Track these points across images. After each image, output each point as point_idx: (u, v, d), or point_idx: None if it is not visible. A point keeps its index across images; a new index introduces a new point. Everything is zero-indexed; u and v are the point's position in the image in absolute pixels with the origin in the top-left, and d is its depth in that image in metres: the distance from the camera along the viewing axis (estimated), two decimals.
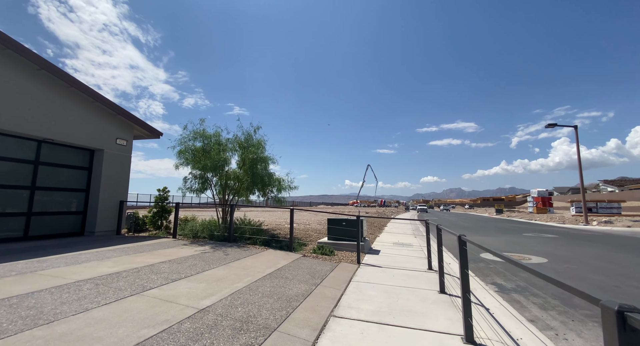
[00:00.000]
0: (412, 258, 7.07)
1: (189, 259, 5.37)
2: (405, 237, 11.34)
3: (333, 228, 8.16)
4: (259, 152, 8.44)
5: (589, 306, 3.86)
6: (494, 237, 12.56)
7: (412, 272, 5.78)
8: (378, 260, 6.90)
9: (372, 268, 6.09)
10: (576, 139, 23.27)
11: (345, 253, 7.44)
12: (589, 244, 10.16)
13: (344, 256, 7.07)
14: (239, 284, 4.11)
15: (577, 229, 17.39)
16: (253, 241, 7.73)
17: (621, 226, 17.59)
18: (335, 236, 8.20)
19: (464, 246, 3.16)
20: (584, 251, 8.57)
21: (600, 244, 10.36)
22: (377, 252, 7.97)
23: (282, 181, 9.19)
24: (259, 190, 9.14)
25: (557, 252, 8.46)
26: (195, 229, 8.08)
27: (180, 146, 8.11)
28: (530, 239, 11.81)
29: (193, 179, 8.26)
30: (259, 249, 6.98)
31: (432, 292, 4.50)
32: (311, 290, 4.21)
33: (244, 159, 8.73)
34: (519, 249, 9.10)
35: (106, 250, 5.95)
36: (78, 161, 8.24)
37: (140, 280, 3.95)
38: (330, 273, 5.30)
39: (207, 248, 6.59)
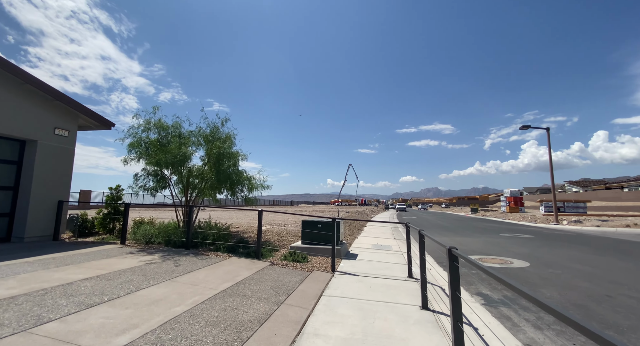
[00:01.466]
0: (391, 264, 6.50)
1: (125, 274, 4.43)
2: (385, 238, 10.85)
3: (307, 232, 7.45)
4: (225, 147, 7.53)
5: None
6: (472, 237, 12.40)
7: (391, 281, 5.18)
8: (355, 267, 6.26)
9: (347, 277, 5.43)
10: (548, 141, 24.05)
11: (320, 259, 6.76)
12: (566, 245, 10.14)
13: (319, 263, 6.38)
14: (178, 309, 3.28)
15: (550, 228, 17.83)
16: (216, 247, 6.84)
17: (590, 226, 18.24)
18: (309, 240, 7.49)
19: (455, 262, 2.55)
20: (564, 253, 8.42)
21: (577, 244, 10.39)
22: (355, 257, 7.35)
23: (252, 180, 8.34)
24: (227, 189, 8.24)
25: (536, 254, 8.25)
26: (149, 234, 7.05)
27: (130, 137, 7.02)
28: (507, 239, 11.73)
29: (146, 176, 7.21)
30: (220, 257, 6.11)
31: (414, 308, 3.90)
32: (272, 311, 3.46)
33: (209, 155, 7.79)
34: (498, 251, 8.84)
35: (22, 262, 4.85)
36: (4, 154, 6.93)
37: (41, 308, 3.00)
38: (299, 286, 4.57)
39: (156, 257, 5.63)
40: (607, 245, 10.32)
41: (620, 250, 9.17)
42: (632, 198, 53.27)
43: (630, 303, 4.09)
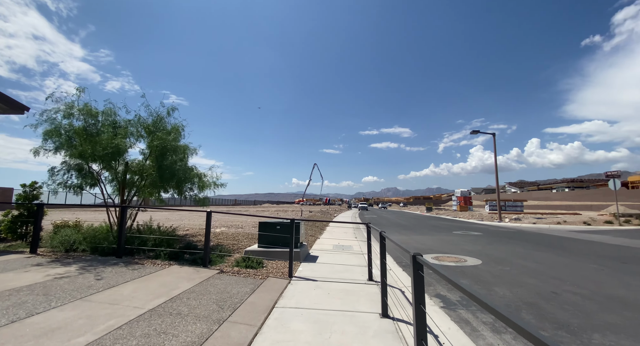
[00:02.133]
0: (352, 266, 6.22)
1: (18, 293, 3.47)
2: (346, 238, 10.67)
3: (265, 234, 6.89)
4: (170, 139, 6.62)
5: (542, 327, 3.40)
6: (429, 236, 12.83)
7: (351, 286, 4.87)
8: (314, 270, 5.87)
9: (305, 282, 5.01)
10: (494, 145, 26.26)
11: (278, 263, 6.26)
12: (511, 242, 10.90)
13: (276, 268, 5.88)
14: (81, 339, 2.54)
15: (495, 226, 19.37)
16: (156, 254, 5.95)
17: (528, 223, 20.20)
18: (267, 243, 6.94)
19: (420, 270, 2.25)
20: (510, 250, 8.96)
21: (519, 241, 11.24)
22: (315, 259, 6.97)
23: (204, 177, 7.51)
24: (174, 187, 7.31)
25: (486, 251, 8.65)
26: (70, 240, 5.89)
27: (47, 124, 5.78)
28: (460, 237, 12.32)
29: (67, 171, 6.02)
30: (158, 266, 5.28)
31: (374, 317, 3.60)
32: (210, 333, 2.89)
33: (150, 148, 6.81)
34: (453, 249, 9.13)
35: None
36: None
37: None
38: (249, 297, 4.02)
39: (71, 269, 4.63)
40: (545, 241, 11.33)
41: (556, 246, 10.08)
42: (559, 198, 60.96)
43: (574, 299, 4.26)
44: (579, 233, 14.36)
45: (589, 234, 13.78)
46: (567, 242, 11.03)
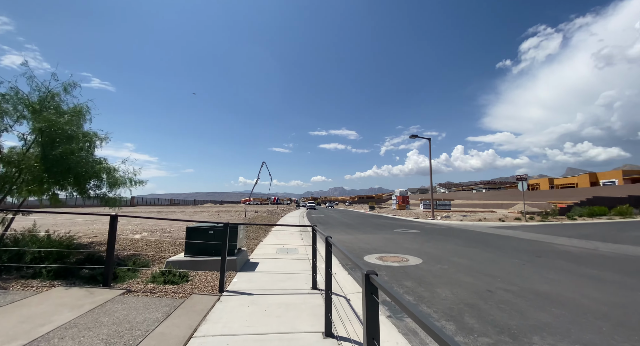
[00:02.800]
0: (295, 274, 5.65)
1: None
2: (292, 240, 10.09)
3: (193, 242, 5.88)
4: (62, 122, 5.11)
5: (486, 332, 3.31)
6: (373, 234, 13.06)
7: (292, 298, 4.29)
8: (251, 281, 5.14)
9: (238, 298, 4.26)
10: (429, 149, 28.62)
11: (209, 275, 5.38)
12: (445, 239, 11.66)
13: (204, 281, 5.00)
14: None
15: (430, 223, 20.99)
16: (36, 272, 4.49)
17: (456, 220, 22.41)
18: (196, 251, 5.94)
19: (375, 294, 1.78)
20: (445, 247, 9.48)
21: (451, 237, 12.13)
22: (254, 267, 6.21)
23: (114, 172, 6.09)
24: (72, 184, 5.75)
25: (425, 249, 8.99)
26: None
27: None
28: (400, 235, 12.80)
29: None
30: (32, 290, 3.92)
31: (316, 337, 3.08)
32: None
33: (34, 132, 5.19)
34: (395, 248, 9.29)
35: None
36: None
37: None
38: (159, 327, 3.13)
39: None
40: (472, 237, 12.45)
41: (481, 241, 11.10)
42: (478, 197, 69.95)
43: (508, 298, 4.39)
44: (496, 229, 16.31)
45: (504, 230, 15.74)
46: (490, 238, 12.31)
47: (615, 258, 7.75)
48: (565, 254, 8.32)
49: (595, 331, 3.18)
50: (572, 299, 4.25)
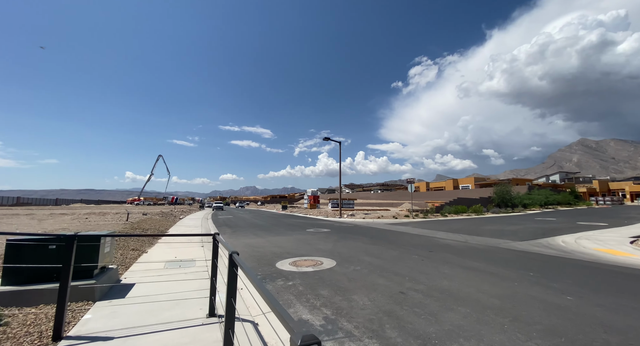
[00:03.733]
0: (186, 297, 4.36)
1: None
2: (189, 248, 8.36)
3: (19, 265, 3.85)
4: None
5: (408, 344, 3.03)
6: (285, 236, 12.43)
7: (177, 336, 3.11)
8: (116, 315, 3.62)
9: None
10: (339, 152, 30.28)
11: (48, 311, 3.58)
12: (354, 237, 12.06)
13: (34, 323, 3.25)
14: None
15: (338, 221, 21.97)
16: None
17: (360, 218, 24.24)
18: (24, 278, 3.93)
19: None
20: (355, 246, 9.66)
21: (359, 235, 12.69)
22: (127, 290, 4.56)
23: None
24: None
25: (338, 249, 8.91)
26: None
27: None
28: (313, 235, 12.62)
29: None
30: None
31: None
32: None
33: None
34: (309, 250, 8.89)
35: None
36: None
37: None
38: None
39: None
40: (375, 234, 13.38)
41: (384, 238, 11.97)
42: (376, 197, 78.98)
43: (419, 299, 4.41)
44: (393, 225, 18.29)
45: (398, 226, 17.77)
46: (389, 234, 13.50)
47: (484, 250, 9.47)
48: (449, 247, 9.67)
49: (500, 329, 3.33)
50: (470, 294, 4.58)
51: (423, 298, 4.40)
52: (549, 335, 3.15)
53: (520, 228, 16.26)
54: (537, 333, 3.19)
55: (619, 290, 4.96)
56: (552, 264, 7.23)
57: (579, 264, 7.27)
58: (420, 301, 4.29)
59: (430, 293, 4.63)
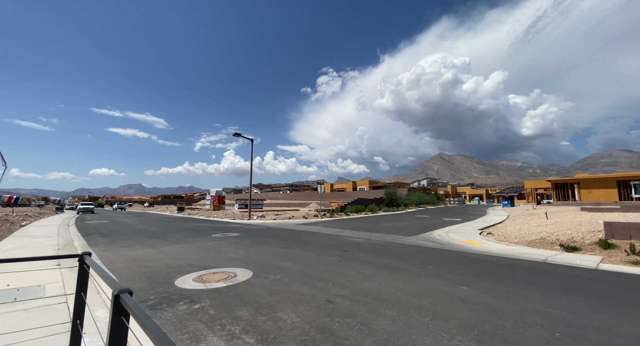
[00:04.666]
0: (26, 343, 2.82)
1: None
2: (37, 271, 5.86)
3: None
4: None
5: None
6: (185, 244, 10.59)
7: None
8: None
9: None
10: (251, 149, 28.79)
11: None
12: (267, 241, 11.36)
13: None
14: None
15: (248, 224, 20.65)
16: None
17: (270, 219, 23.55)
18: None
19: None
20: (271, 251, 9.02)
21: (272, 238, 12.07)
22: None
23: None
24: None
25: (252, 256, 8.09)
26: None
27: None
28: (221, 241, 11.25)
29: None
30: None
31: None
32: None
33: None
34: (217, 259, 7.73)
35: None
36: None
37: None
38: None
39: None
40: (289, 235, 13.06)
41: (298, 240, 11.78)
42: (285, 198, 79.45)
43: (347, 307, 4.24)
44: (304, 226, 18.48)
45: (310, 226, 18.08)
46: (303, 235, 13.45)
47: (386, 246, 10.47)
48: (358, 245, 10.27)
49: (426, 330, 3.43)
50: (391, 295, 4.73)
51: (351, 305, 4.26)
52: (465, 328, 3.45)
53: (407, 224, 19.14)
54: (455, 328, 3.45)
55: (491, 275, 6.18)
56: (440, 256, 8.55)
57: (457, 254, 8.87)
58: (349, 309, 4.13)
59: (356, 298, 4.55)
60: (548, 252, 9.33)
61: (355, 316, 3.88)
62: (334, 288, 5.12)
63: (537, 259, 8.17)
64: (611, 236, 10.04)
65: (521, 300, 4.44)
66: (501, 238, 12.88)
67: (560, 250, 9.56)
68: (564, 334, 3.26)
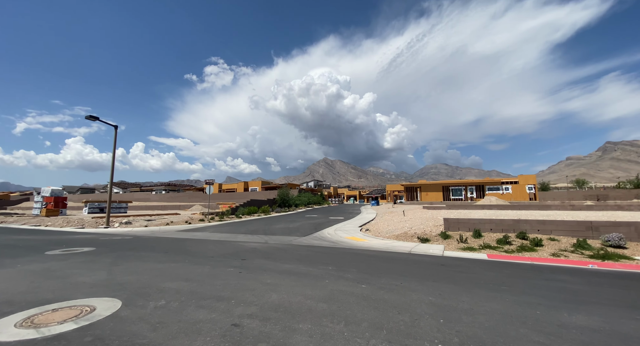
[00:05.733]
0: None
1: None
2: None
3: None
4: None
5: None
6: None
7: None
8: None
9: None
10: (114, 139, 22.98)
11: None
12: (140, 256, 9.11)
13: None
14: None
15: (107, 233, 16.17)
16: None
17: (140, 227, 19.34)
18: None
19: None
20: (149, 269, 7.23)
21: (146, 251, 9.78)
22: None
23: None
24: None
25: (120, 279, 6.22)
26: None
27: None
28: (64, 261, 8.21)
29: None
30: None
31: None
32: None
33: None
34: (61, 288, 5.51)
35: None
36: None
37: None
38: None
39: None
40: (169, 246, 10.97)
41: (183, 250, 10.04)
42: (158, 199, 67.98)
43: (258, 328, 3.76)
44: (188, 232, 16.12)
45: (195, 233, 15.93)
46: (188, 244, 11.61)
47: (284, 249, 10.35)
48: (257, 251, 9.71)
49: (343, 339, 3.42)
50: (301, 305, 4.56)
51: (262, 326, 3.81)
52: (375, 330, 3.66)
53: (300, 224, 19.86)
54: (368, 331, 3.61)
55: (379, 270, 7.02)
56: (335, 255, 9.13)
57: (348, 252, 9.73)
58: (261, 330, 3.68)
59: (266, 316, 4.13)
60: (411, 244, 11.60)
61: (269, 338, 3.48)
62: (238, 307, 4.50)
63: (404, 251, 9.96)
64: (448, 228, 13.51)
65: (408, 292, 5.19)
66: (377, 234, 15.17)
67: (418, 242, 12.07)
68: (446, 319, 3.97)
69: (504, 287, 5.64)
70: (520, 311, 4.28)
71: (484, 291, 5.33)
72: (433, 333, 3.56)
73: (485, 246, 10.54)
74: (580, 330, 3.67)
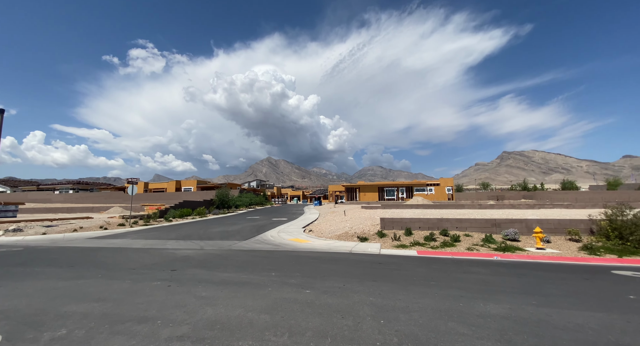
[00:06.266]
0: None
1: None
2: None
3: None
4: None
5: None
6: None
7: None
8: None
9: None
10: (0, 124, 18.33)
11: None
12: (36, 273, 7.30)
13: None
14: None
15: None
16: None
17: (36, 235, 15.76)
18: None
19: None
20: (45, 289, 5.81)
21: (45, 266, 7.89)
22: None
23: None
24: None
25: (3, 305, 4.86)
26: None
27: None
28: None
29: None
30: None
31: None
32: None
33: None
34: None
35: None
36: None
37: None
38: None
39: None
40: (78, 258, 9.12)
41: (95, 263, 8.46)
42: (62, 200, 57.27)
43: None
44: (104, 240, 13.78)
45: (112, 240, 13.71)
46: (104, 254, 9.86)
47: (223, 255, 9.60)
48: (190, 259, 8.77)
49: None
50: (241, 318, 4.21)
51: None
52: (320, 338, 3.57)
53: (240, 227, 18.89)
54: (312, 341, 3.50)
55: (322, 273, 7.03)
56: (278, 259, 8.86)
57: (291, 255, 9.56)
58: None
59: (200, 336, 3.67)
60: (351, 243, 12.06)
61: None
62: (165, 328, 3.92)
63: (346, 251, 10.28)
64: (384, 227, 14.47)
65: (351, 294, 5.29)
66: (319, 234, 15.37)
67: (358, 241, 12.62)
68: (386, 320, 4.13)
69: (432, 282, 6.22)
70: (448, 305, 4.75)
71: (417, 287, 5.79)
72: (375, 335, 3.65)
73: (415, 243, 11.60)
74: (493, 318, 4.23)
